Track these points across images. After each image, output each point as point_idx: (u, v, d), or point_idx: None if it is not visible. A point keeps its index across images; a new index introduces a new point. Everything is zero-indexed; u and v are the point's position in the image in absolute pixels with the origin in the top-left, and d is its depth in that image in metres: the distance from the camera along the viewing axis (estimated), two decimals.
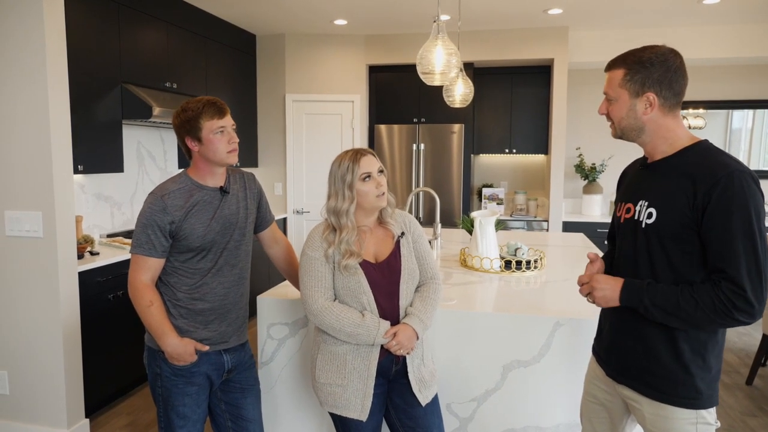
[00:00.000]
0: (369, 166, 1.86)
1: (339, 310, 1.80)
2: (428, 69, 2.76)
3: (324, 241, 1.85)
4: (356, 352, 1.84)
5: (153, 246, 1.87)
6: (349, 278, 1.82)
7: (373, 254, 1.90)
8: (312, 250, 1.86)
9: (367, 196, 1.85)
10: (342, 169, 1.86)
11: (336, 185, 1.87)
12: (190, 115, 1.87)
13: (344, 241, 1.82)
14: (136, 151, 4.38)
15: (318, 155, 5.78)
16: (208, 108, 1.88)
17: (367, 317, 1.79)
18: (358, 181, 1.84)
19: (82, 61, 3.43)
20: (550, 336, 2.11)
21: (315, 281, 1.83)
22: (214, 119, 1.88)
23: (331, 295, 1.84)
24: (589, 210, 5.77)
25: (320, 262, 1.84)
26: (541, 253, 3.05)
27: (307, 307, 1.83)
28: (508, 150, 5.88)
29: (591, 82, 5.91)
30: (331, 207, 1.87)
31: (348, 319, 1.79)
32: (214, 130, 1.88)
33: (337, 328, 1.79)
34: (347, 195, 1.84)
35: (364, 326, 1.78)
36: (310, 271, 1.84)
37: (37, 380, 2.86)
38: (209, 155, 1.90)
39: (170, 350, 1.88)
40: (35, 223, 2.75)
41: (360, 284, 1.82)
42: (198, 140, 1.89)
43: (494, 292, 2.53)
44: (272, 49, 5.66)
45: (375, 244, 1.92)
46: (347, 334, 1.79)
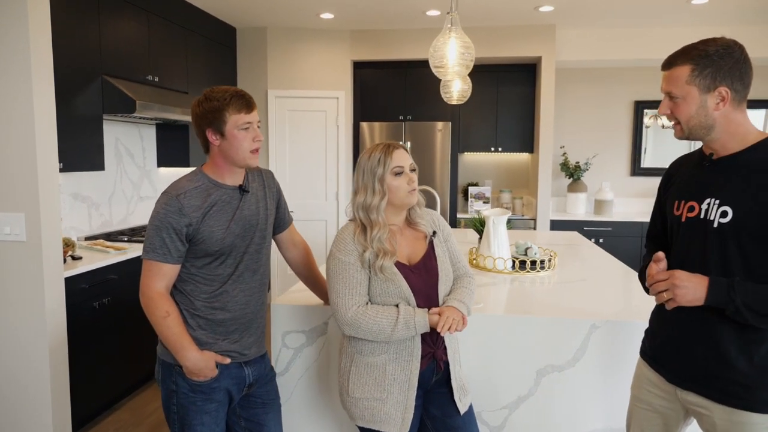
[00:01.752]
0: (401, 160, 1.74)
1: (374, 311, 1.68)
2: (441, 63, 2.66)
3: (357, 243, 1.71)
4: (396, 362, 1.72)
5: (168, 251, 1.70)
6: (387, 283, 1.69)
7: (406, 256, 1.78)
8: (345, 254, 1.71)
9: (398, 192, 1.73)
10: (372, 161, 1.73)
11: (365, 179, 1.73)
12: (215, 105, 1.71)
13: (376, 239, 1.69)
14: (115, 149, 4.13)
15: (301, 154, 5.61)
16: (236, 100, 1.72)
17: (401, 309, 1.67)
18: (390, 175, 1.72)
19: (61, 51, 3.18)
20: (585, 339, 2.03)
21: (350, 288, 1.69)
22: (242, 113, 1.72)
23: (365, 301, 1.71)
24: (573, 208, 5.77)
25: (355, 267, 1.70)
26: (552, 253, 2.99)
27: (339, 317, 1.69)
28: (494, 148, 5.83)
29: (575, 81, 5.92)
30: (360, 202, 1.73)
31: (386, 317, 1.66)
32: (240, 125, 1.73)
33: (376, 330, 1.66)
34: (377, 189, 1.71)
35: (402, 318, 1.65)
36: (343, 277, 1.70)
37: (21, 395, 2.63)
38: (230, 153, 1.74)
39: (190, 365, 1.71)
40: (18, 225, 2.52)
41: (400, 288, 1.70)
42: (220, 134, 1.73)
43: (515, 293, 2.44)
44: (253, 43, 5.46)
45: (407, 245, 1.80)
46: (388, 334, 1.67)
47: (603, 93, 5.93)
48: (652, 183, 5.91)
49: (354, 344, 1.76)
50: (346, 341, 1.80)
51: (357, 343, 1.75)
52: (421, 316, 1.67)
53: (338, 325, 1.71)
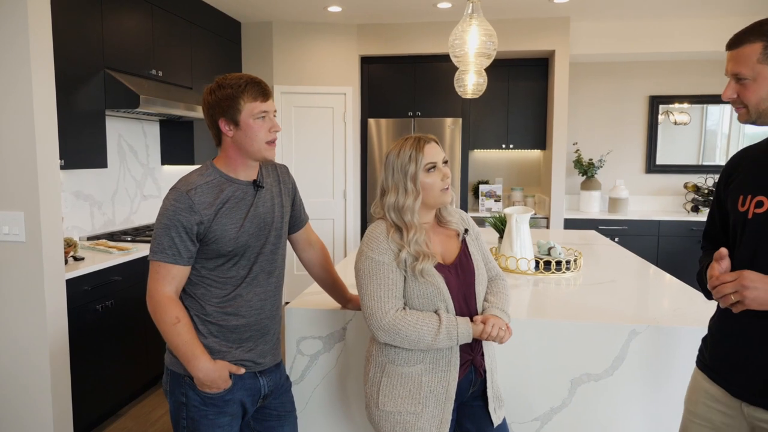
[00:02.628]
0: (434, 155, 1.61)
1: (414, 317, 1.54)
2: (462, 52, 2.52)
3: (392, 242, 1.58)
4: (433, 372, 1.58)
5: (178, 251, 1.56)
6: (425, 285, 1.56)
7: (440, 255, 1.65)
8: (379, 253, 1.58)
9: (431, 190, 1.61)
10: (403, 158, 1.59)
11: (395, 178, 1.60)
12: (228, 92, 1.57)
13: (413, 241, 1.57)
14: (117, 145, 4.00)
15: (308, 151, 5.47)
16: (251, 87, 1.59)
17: (443, 317, 1.55)
18: (422, 172, 1.59)
19: (62, 44, 3.05)
20: (624, 346, 1.89)
21: (385, 290, 1.55)
22: (257, 101, 1.59)
23: (401, 304, 1.58)
24: (587, 207, 5.63)
25: (391, 267, 1.57)
26: (577, 253, 2.85)
27: (374, 322, 1.55)
28: (505, 145, 5.69)
29: (589, 75, 5.78)
30: (392, 203, 1.60)
31: (427, 325, 1.53)
32: (256, 114, 1.59)
33: (416, 339, 1.53)
34: (410, 189, 1.58)
35: (444, 327, 1.53)
36: (378, 279, 1.56)
37: (20, 403, 2.50)
38: (245, 144, 1.61)
39: (202, 376, 1.58)
40: (17, 225, 2.38)
41: (439, 290, 1.57)
42: (234, 124, 1.59)
43: (541, 296, 2.30)
44: (259, 37, 5.32)
45: (440, 243, 1.68)
46: (428, 344, 1.53)
47: (617, 88, 5.78)
48: (667, 180, 5.77)
49: (386, 353, 1.62)
50: (375, 349, 1.66)
51: (390, 352, 1.61)
52: (465, 325, 1.55)
53: (372, 330, 1.57)
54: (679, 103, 5.68)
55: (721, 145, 5.68)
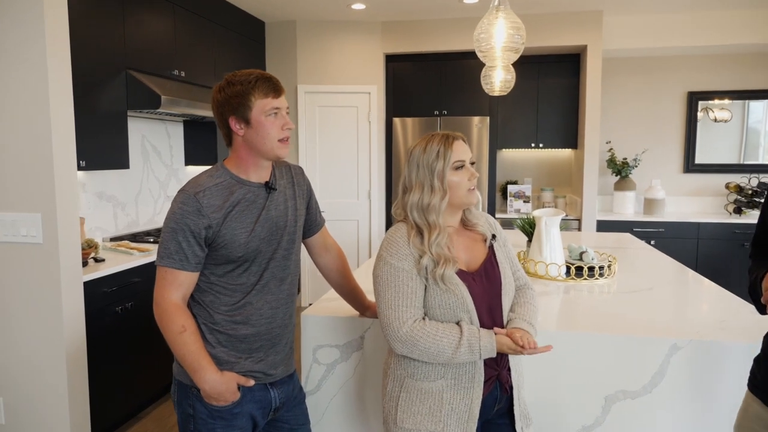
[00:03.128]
0: (462, 153, 1.51)
1: (434, 328, 1.43)
2: (488, 46, 2.39)
3: (413, 247, 1.48)
4: (455, 388, 1.47)
5: (185, 257, 1.49)
6: (447, 293, 1.45)
7: (464, 262, 1.54)
8: (398, 259, 1.47)
9: (458, 189, 1.50)
10: (429, 154, 1.49)
11: (420, 175, 1.50)
12: (238, 89, 1.50)
13: (435, 244, 1.46)
14: (141, 146, 3.99)
15: (332, 151, 5.40)
16: (261, 83, 1.51)
17: (465, 329, 1.43)
18: (450, 170, 1.48)
19: (83, 45, 3.03)
20: (665, 361, 1.75)
21: (404, 299, 1.45)
22: (269, 97, 1.51)
23: (421, 314, 1.47)
24: (621, 208, 5.42)
25: (410, 274, 1.46)
26: (611, 258, 2.70)
27: (391, 332, 1.44)
28: (534, 144, 5.52)
29: (623, 71, 5.56)
30: (415, 202, 1.50)
31: (447, 337, 1.42)
32: (267, 110, 1.51)
33: (435, 351, 1.42)
34: (437, 187, 1.48)
35: (465, 340, 1.41)
36: (397, 286, 1.46)
37: (37, 407, 2.47)
38: (257, 142, 1.53)
39: (208, 388, 1.50)
40: (33, 226, 2.35)
41: (463, 299, 1.46)
42: (245, 122, 1.52)
43: (573, 305, 2.17)
44: (282, 37, 5.27)
45: (465, 249, 1.56)
46: (448, 357, 1.43)
47: (653, 83, 5.55)
48: (707, 180, 5.52)
49: (404, 366, 1.52)
50: (394, 361, 1.56)
51: (408, 365, 1.51)
52: (488, 338, 1.43)
53: (388, 341, 1.47)
54: (719, 99, 5.42)
55: (765, 143, 5.41)
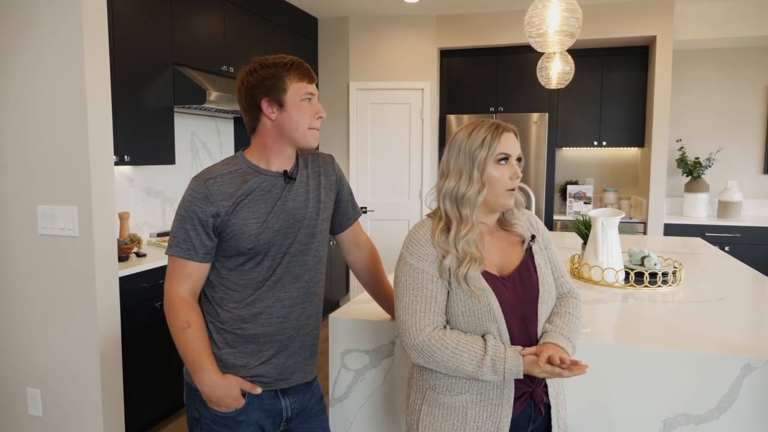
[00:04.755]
0: (510, 146, 1.34)
1: (454, 340, 1.28)
2: (541, 31, 2.20)
3: (436, 246, 1.33)
4: (482, 405, 1.31)
5: (192, 246, 1.40)
6: (472, 299, 1.29)
7: (496, 265, 1.37)
8: (418, 259, 1.32)
9: (496, 186, 1.33)
10: (474, 141, 1.33)
11: (459, 161, 1.35)
12: (272, 72, 1.41)
13: (462, 240, 1.30)
14: (190, 143, 4.01)
15: (384, 149, 5.28)
16: (297, 66, 1.43)
17: (489, 345, 1.27)
18: (492, 162, 1.32)
19: (129, 40, 3.05)
20: (735, 383, 1.51)
21: (423, 303, 1.30)
22: (304, 81, 1.43)
23: (441, 322, 1.32)
24: (692, 211, 5.02)
25: (431, 277, 1.31)
26: (677, 264, 2.43)
27: (407, 340, 1.30)
28: (597, 142, 5.20)
29: (696, 64, 5.16)
30: (450, 189, 1.35)
31: (469, 352, 1.26)
32: (303, 95, 1.43)
33: (453, 366, 1.27)
34: (475, 178, 1.32)
35: (489, 359, 1.25)
36: (415, 289, 1.31)
37: (72, 400, 2.48)
38: (288, 127, 1.44)
39: (207, 391, 1.41)
40: (70, 219, 2.35)
41: (490, 307, 1.29)
42: (279, 105, 1.42)
43: (630, 315, 1.94)
44: (335, 33, 5.21)
45: (498, 251, 1.40)
46: (468, 374, 1.27)
47: (729, 77, 5.11)
48: None
49: (426, 377, 1.38)
50: (416, 371, 1.42)
51: (430, 377, 1.36)
52: (514, 359, 1.25)
53: (404, 349, 1.33)
54: None
55: None
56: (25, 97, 2.38)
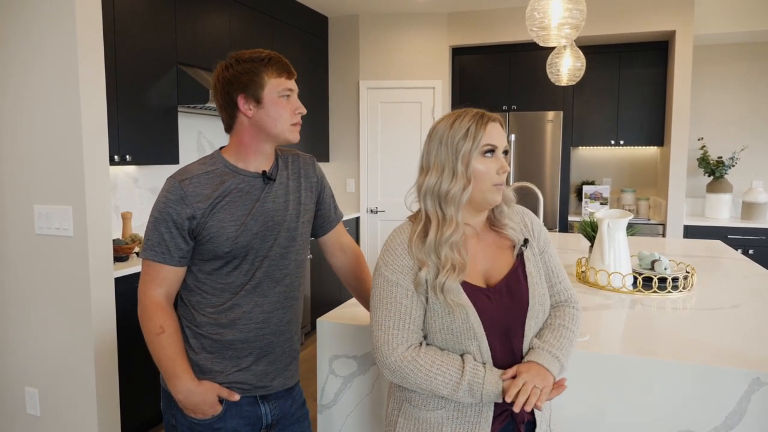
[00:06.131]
0: (496, 137, 1.22)
1: (428, 360, 1.18)
2: (542, 24, 2.11)
3: (412, 256, 1.22)
4: (458, 421, 1.23)
5: (167, 249, 1.35)
6: (450, 315, 1.19)
7: (482, 273, 1.27)
8: (392, 272, 1.22)
9: (481, 181, 1.21)
10: (457, 131, 1.21)
11: (441, 154, 1.22)
12: (249, 67, 1.36)
13: (445, 243, 1.19)
14: (197, 142, 3.98)
15: (394, 148, 5.21)
16: (276, 62, 1.38)
17: (467, 366, 1.17)
18: (478, 155, 1.21)
19: (132, 39, 3.03)
20: (743, 399, 1.40)
21: (396, 320, 1.20)
22: (282, 77, 1.38)
23: (417, 339, 1.22)
24: (714, 212, 4.84)
25: (406, 291, 1.21)
26: (690, 268, 2.31)
27: (380, 358, 1.22)
28: (614, 141, 5.06)
29: (718, 59, 4.98)
30: (431, 186, 1.22)
31: (444, 374, 1.17)
32: (281, 91, 1.37)
33: (428, 388, 1.19)
34: (460, 173, 1.19)
35: (466, 382, 1.16)
36: (388, 304, 1.22)
37: (68, 401, 2.46)
38: (267, 124, 1.38)
39: (182, 398, 1.36)
40: (65, 219, 2.34)
41: (469, 324, 1.19)
42: (256, 101, 1.37)
43: (636, 322, 1.84)
44: (345, 31, 5.15)
45: (485, 257, 1.28)
46: (445, 395, 1.19)
47: (754, 73, 4.92)
48: None
49: (402, 389, 1.30)
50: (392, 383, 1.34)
51: (405, 390, 1.28)
52: (493, 384, 1.16)
53: (378, 367, 1.25)
54: None
55: None
56: (20, 97, 2.37)
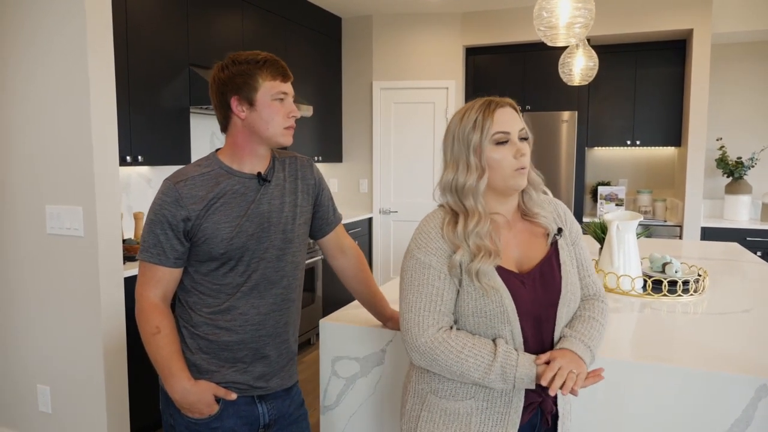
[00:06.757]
0: (507, 123, 1.22)
1: (460, 342, 1.18)
2: (550, 23, 2.08)
3: (446, 239, 1.22)
4: (487, 412, 1.21)
5: (162, 251, 1.37)
6: (484, 298, 1.18)
7: (514, 260, 1.26)
8: (426, 253, 1.23)
9: (499, 168, 1.21)
10: (465, 125, 1.23)
11: (455, 150, 1.24)
12: (244, 68, 1.37)
13: (473, 233, 1.19)
14: (210, 143, 4.02)
15: (408, 148, 5.19)
16: (271, 64, 1.38)
17: (500, 350, 1.17)
18: (489, 144, 1.21)
19: (145, 41, 3.06)
20: (750, 406, 1.37)
21: (428, 301, 1.20)
22: (276, 80, 1.38)
23: (448, 323, 1.22)
24: (733, 214, 4.74)
25: (439, 273, 1.21)
26: (702, 272, 2.27)
27: (409, 340, 1.21)
28: (630, 142, 4.98)
29: (736, 58, 4.88)
30: (448, 182, 1.25)
31: (476, 357, 1.16)
32: (275, 94, 1.38)
33: (458, 371, 1.18)
34: (473, 165, 1.21)
35: (498, 365, 1.15)
36: (421, 285, 1.21)
37: (79, 399, 2.49)
38: (259, 127, 1.38)
39: (178, 397, 1.37)
40: (75, 219, 2.37)
41: (503, 308, 1.18)
42: (249, 103, 1.37)
43: (644, 326, 1.81)
44: (358, 32, 5.15)
45: (518, 244, 1.28)
46: (474, 380, 1.18)
47: None
48: None
49: (427, 380, 1.28)
50: (415, 375, 1.32)
51: (432, 379, 1.27)
52: (527, 368, 1.16)
53: (406, 349, 1.24)
54: None
55: None
56: (30, 98, 2.42)
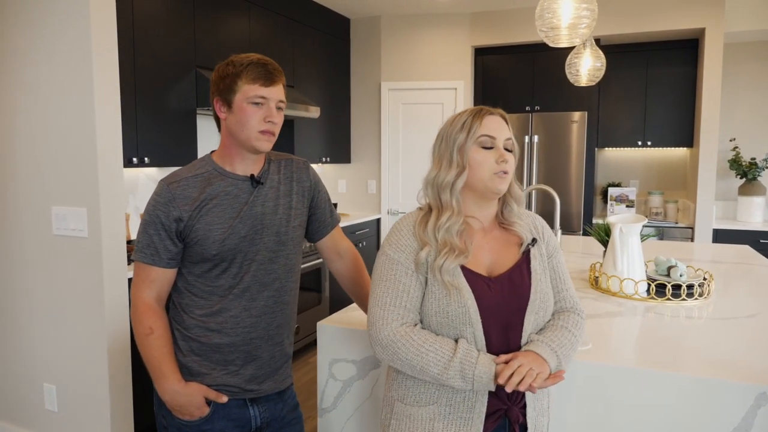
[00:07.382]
0: (493, 128, 1.25)
1: (421, 338, 1.19)
2: (552, 24, 2.06)
3: (416, 237, 1.26)
4: (449, 418, 1.22)
5: (156, 251, 1.38)
6: (447, 298, 1.19)
7: (486, 265, 1.27)
8: (395, 250, 1.26)
9: (480, 169, 1.24)
10: (455, 126, 1.28)
11: (441, 149, 1.30)
12: (230, 71, 1.38)
13: (443, 227, 1.23)
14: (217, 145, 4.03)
15: (416, 150, 5.18)
16: (253, 68, 1.38)
17: (461, 347, 1.17)
18: (473, 146, 1.24)
19: (151, 43, 3.09)
20: (749, 414, 1.34)
21: (393, 296, 1.22)
22: (256, 84, 1.37)
23: (412, 320, 1.23)
24: (746, 216, 4.67)
25: (407, 269, 1.24)
26: (707, 275, 2.23)
27: (372, 333, 1.23)
28: (641, 142, 4.93)
29: (750, 57, 4.80)
30: (431, 178, 1.30)
31: (436, 352, 1.17)
32: (251, 97, 1.37)
33: (418, 366, 1.18)
34: (455, 161, 1.25)
35: (457, 362, 1.15)
36: (387, 281, 1.24)
37: (84, 398, 2.52)
38: (236, 130, 1.39)
39: (168, 398, 1.39)
40: (80, 220, 2.39)
41: (465, 308, 1.19)
42: (227, 106, 1.39)
43: (647, 331, 1.78)
44: (367, 33, 5.15)
45: (491, 250, 1.29)
46: (433, 376, 1.18)
47: None
48: None
49: (396, 387, 1.29)
50: (387, 382, 1.34)
51: (399, 387, 1.28)
52: (486, 364, 1.15)
53: (371, 343, 1.25)
54: None
55: None
56: (34, 101, 2.45)
